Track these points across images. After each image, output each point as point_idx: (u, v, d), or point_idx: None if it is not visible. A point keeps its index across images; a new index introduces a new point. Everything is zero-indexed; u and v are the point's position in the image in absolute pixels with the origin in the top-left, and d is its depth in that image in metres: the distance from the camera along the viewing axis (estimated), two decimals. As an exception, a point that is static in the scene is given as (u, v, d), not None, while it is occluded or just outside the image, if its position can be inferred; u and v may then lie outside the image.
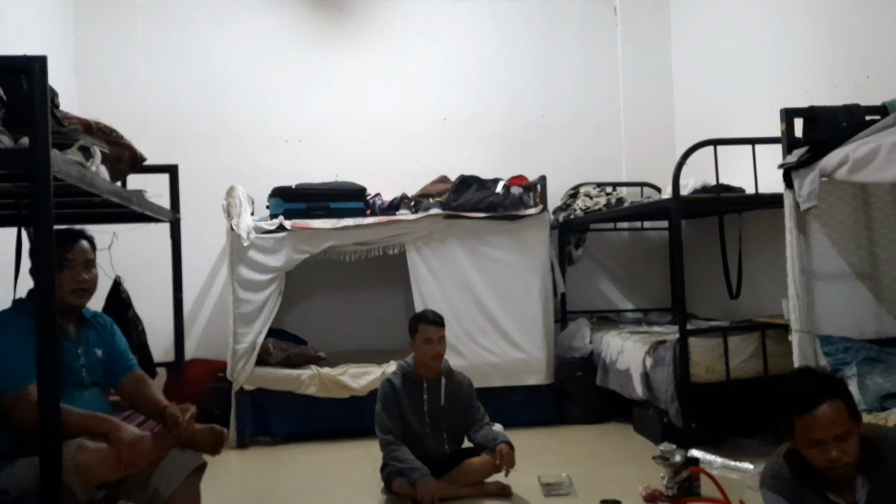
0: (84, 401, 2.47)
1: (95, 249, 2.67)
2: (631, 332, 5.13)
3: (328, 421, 4.90)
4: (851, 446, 2.08)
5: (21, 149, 2.04)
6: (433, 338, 3.68)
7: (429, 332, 3.69)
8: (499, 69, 6.08)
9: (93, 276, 2.62)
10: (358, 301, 5.87)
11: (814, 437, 2.08)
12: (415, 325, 3.75)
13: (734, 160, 4.38)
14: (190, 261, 4.34)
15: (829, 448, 2.06)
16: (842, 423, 2.07)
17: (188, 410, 2.55)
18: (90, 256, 2.62)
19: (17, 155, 2.01)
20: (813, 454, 2.11)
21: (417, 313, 3.96)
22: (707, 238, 5.27)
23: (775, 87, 4.65)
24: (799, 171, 3.14)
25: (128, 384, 2.72)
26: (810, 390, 2.11)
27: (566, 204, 5.76)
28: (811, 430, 2.08)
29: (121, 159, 2.95)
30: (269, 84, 5.77)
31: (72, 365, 2.52)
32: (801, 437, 2.12)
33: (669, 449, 3.14)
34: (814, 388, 2.12)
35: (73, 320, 2.62)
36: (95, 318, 2.74)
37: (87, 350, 2.61)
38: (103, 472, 2.25)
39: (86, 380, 2.57)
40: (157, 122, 5.42)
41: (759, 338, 4.26)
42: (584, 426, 5.06)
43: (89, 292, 2.62)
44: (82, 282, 2.56)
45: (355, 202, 5.18)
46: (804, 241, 3.31)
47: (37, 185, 1.94)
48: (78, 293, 2.56)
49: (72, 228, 2.63)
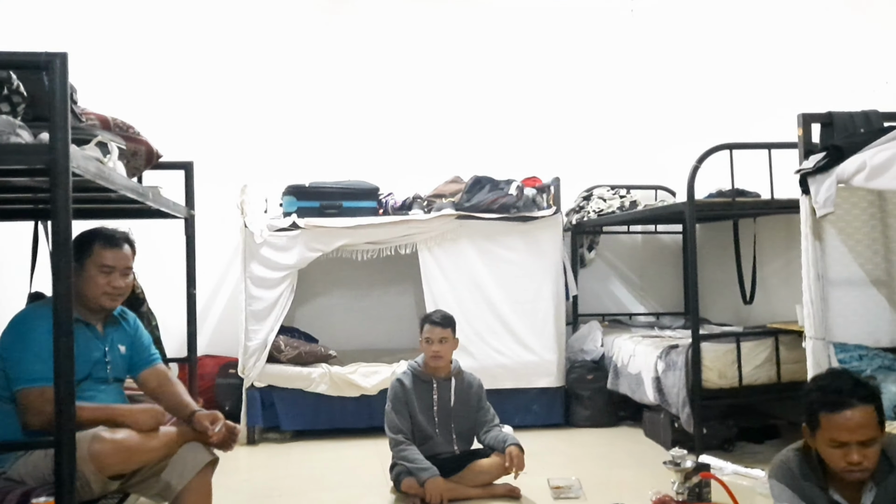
0: (104, 396, 2.50)
1: (135, 254, 2.68)
2: (643, 335, 5.12)
3: (338, 419, 4.91)
4: (873, 453, 2.09)
5: (41, 144, 2.05)
6: (433, 338, 3.70)
7: (428, 332, 3.72)
8: (512, 69, 6.07)
9: (129, 283, 2.63)
10: (369, 300, 5.88)
11: (839, 438, 2.08)
12: (421, 325, 3.79)
13: (750, 164, 4.35)
14: (203, 257, 4.36)
15: (851, 451, 2.07)
16: (869, 429, 2.07)
17: (218, 421, 2.57)
18: (129, 263, 2.63)
19: (37, 150, 2.03)
20: (834, 454, 2.11)
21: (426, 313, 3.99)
22: (721, 242, 5.24)
23: (792, 92, 4.62)
24: (815, 176, 3.12)
25: (150, 378, 2.74)
26: (844, 391, 2.11)
27: (579, 206, 5.75)
28: (838, 431, 2.08)
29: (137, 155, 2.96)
30: (283, 81, 5.79)
31: (98, 361, 2.55)
32: (826, 435, 2.11)
33: (680, 454, 3.13)
34: (848, 389, 2.12)
35: (102, 318, 2.65)
36: (122, 315, 2.76)
37: (112, 347, 2.64)
38: (117, 462, 2.27)
39: (109, 376, 2.59)
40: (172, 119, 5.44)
41: (772, 344, 4.23)
42: (594, 429, 5.04)
43: (122, 297, 2.64)
44: (118, 288, 2.57)
45: (368, 201, 5.19)
46: (820, 247, 3.28)
47: (56, 180, 1.95)
48: (112, 297, 2.58)
49: (116, 232, 2.63)
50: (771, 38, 4.90)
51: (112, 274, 2.55)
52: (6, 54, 2.09)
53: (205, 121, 5.56)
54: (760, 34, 5.04)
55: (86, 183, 2.22)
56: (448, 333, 3.73)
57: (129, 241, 2.65)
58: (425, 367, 3.76)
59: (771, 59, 4.90)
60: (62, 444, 1.96)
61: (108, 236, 2.58)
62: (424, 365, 3.76)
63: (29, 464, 2.31)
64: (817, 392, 2.17)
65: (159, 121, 3.92)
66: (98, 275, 2.53)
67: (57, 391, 1.97)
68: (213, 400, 4.99)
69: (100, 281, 2.50)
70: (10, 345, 2.36)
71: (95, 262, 2.53)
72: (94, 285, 2.52)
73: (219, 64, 5.69)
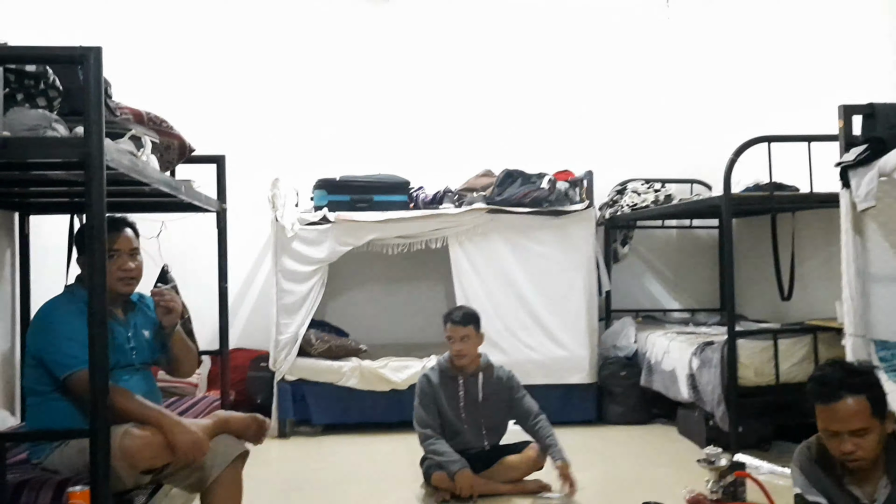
0: (134, 383, 2.53)
1: (139, 236, 2.70)
2: (677, 332, 5.05)
3: (368, 413, 4.92)
4: (868, 442, 2.15)
5: (76, 138, 2.08)
6: (455, 337, 3.67)
7: (449, 331, 3.68)
8: (546, 62, 6.01)
9: (138, 264, 2.65)
10: (399, 294, 5.88)
11: (831, 428, 2.18)
12: (444, 323, 3.74)
13: (788, 157, 4.26)
14: (235, 251, 4.40)
15: (844, 441, 2.15)
16: (861, 419, 2.14)
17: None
18: (135, 244, 2.65)
19: (73, 143, 2.06)
20: (830, 443, 2.21)
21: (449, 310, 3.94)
22: (758, 237, 5.14)
23: (833, 83, 4.51)
24: (857, 169, 3.06)
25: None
26: (834, 382, 2.18)
27: (613, 200, 5.68)
28: (829, 421, 2.18)
29: (170, 149, 2.99)
30: (314, 75, 5.80)
31: (122, 346, 2.58)
32: (821, 425, 2.22)
33: (715, 452, 3.07)
34: (839, 380, 2.18)
35: (121, 304, 2.68)
36: (141, 301, 2.80)
37: (136, 332, 2.67)
38: (149, 457, 2.30)
39: (136, 361, 2.63)
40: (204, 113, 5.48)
41: (810, 341, 4.14)
42: (627, 426, 4.99)
43: (136, 280, 2.66)
44: (129, 270, 2.59)
45: (399, 195, 5.19)
46: (860, 242, 3.21)
47: (91, 173, 1.97)
48: (126, 281, 2.60)
49: (114, 216, 2.65)
50: (810, 26, 4.78)
51: (120, 258, 2.56)
52: (42, 49, 2.13)
53: (236, 114, 5.59)
54: (799, 23, 4.92)
55: (120, 176, 2.24)
56: (469, 331, 3.68)
57: (130, 224, 2.66)
58: (451, 363, 3.75)
59: (810, 48, 4.78)
60: (97, 434, 1.98)
61: (109, 221, 2.60)
62: (450, 361, 3.75)
63: (64, 455, 2.35)
64: (812, 383, 2.25)
65: (191, 114, 3.94)
66: (124, 259, 2.55)
67: (92, 380, 2.00)
68: (245, 393, 5.04)
69: (111, 268, 2.50)
70: (39, 337, 2.42)
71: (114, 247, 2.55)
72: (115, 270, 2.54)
73: (250, 58, 5.72)
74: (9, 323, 3.44)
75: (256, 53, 5.74)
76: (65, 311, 2.41)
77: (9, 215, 3.46)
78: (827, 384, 2.18)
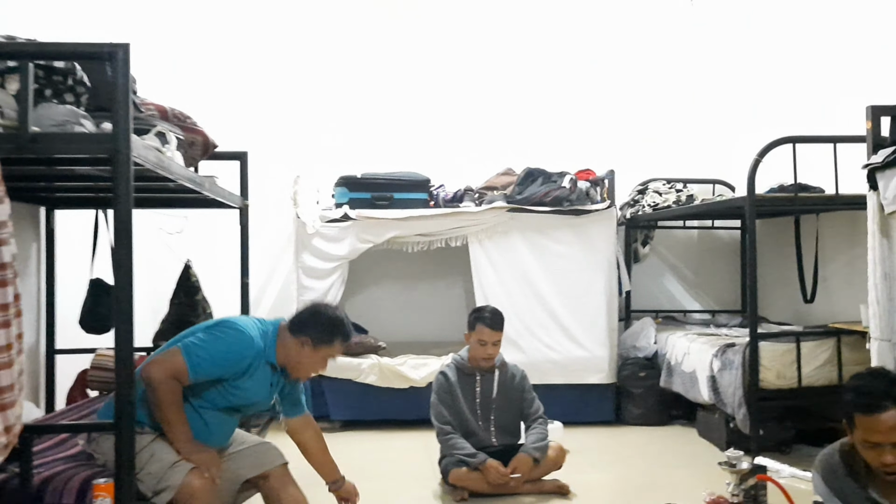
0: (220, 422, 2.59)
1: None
2: (698, 333, 5.01)
3: (386, 410, 4.94)
4: None
5: (104, 133, 2.10)
6: (488, 341, 3.65)
7: (485, 335, 3.65)
8: (568, 60, 5.98)
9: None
10: (419, 292, 5.89)
11: (872, 440, 2.12)
12: (473, 322, 3.71)
13: (813, 158, 4.20)
14: (256, 247, 4.41)
15: (885, 452, 2.10)
16: None
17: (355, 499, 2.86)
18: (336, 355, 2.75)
19: (100, 139, 2.08)
20: (869, 454, 2.15)
21: (478, 308, 3.90)
22: (781, 239, 5.09)
23: (860, 83, 4.45)
24: (884, 171, 3.01)
25: (294, 424, 2.94)
26: (878, 392, 2.13)
27: (634, 200, 5.65)
28: (871, 432, 2.11)
29: (194, 145, 3.01)
30: (336, 73, 5.81)
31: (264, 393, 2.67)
32: (861, 436, 2.15)
33: (736, 455, 3.04)
34: (883, 391, 2.13)
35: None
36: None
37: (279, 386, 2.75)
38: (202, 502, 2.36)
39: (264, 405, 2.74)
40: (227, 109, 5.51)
41: (834, 344, 4.10)
42: (646, 427, 4.96)
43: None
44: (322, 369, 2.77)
45: (419, 193, 5.19)
46: (887, 244, 3.16)
47: (118, 168, 1.99)
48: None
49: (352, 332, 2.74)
50: (837, 25, 4.72)
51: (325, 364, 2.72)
52: (72, 45, 2.14)
53: (259, 111, 5.61)
54: (826, 21, 4.86)
55: (145, 172, 2.26)
56: (501, 336, 3.70)
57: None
58: (470, 360, 3.74)
59: (837, 47, 4.72)
60: (122, 430, 2.00)
61: (348, 334, 2.70)
62: (469, 358, 3.74)
63: (101, 443, 2.42)
64: (852, 392, 2.19)
65: (215, 111, 3.96)
66: (320, 363, 2.68)
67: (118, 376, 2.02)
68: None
69: (317, 362, 2.68)
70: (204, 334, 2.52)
71: (327, 353, 2.66)
72: (309, 365, 2.68)
73: (273, 56, 5.74)
74: (34, 316, 3.48)
75: (279, 51, 5.76)
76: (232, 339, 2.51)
77: (35, 210, 3.50)
78: (870, 394, 2.13)
